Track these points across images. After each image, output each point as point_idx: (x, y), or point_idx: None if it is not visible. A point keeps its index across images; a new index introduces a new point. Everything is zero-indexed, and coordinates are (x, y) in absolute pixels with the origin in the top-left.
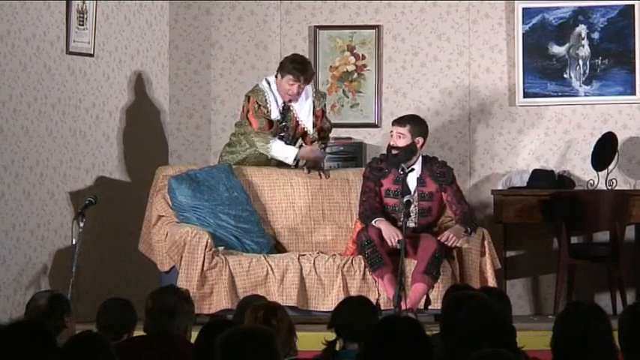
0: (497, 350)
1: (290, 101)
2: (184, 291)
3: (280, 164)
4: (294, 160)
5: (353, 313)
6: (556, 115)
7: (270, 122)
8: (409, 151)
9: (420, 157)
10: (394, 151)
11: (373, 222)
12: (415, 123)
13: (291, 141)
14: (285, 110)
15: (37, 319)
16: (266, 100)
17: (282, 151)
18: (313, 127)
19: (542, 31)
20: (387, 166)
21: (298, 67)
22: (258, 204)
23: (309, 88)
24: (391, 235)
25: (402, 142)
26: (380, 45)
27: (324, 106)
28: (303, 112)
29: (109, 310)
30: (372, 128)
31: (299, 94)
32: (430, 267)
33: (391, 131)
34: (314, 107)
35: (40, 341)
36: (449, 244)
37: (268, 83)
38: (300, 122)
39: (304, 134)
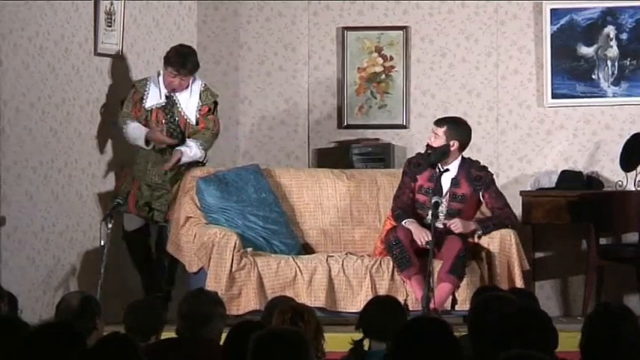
0: (525, 352)
1: (174, 90)
2: (215, 294)
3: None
4: (145, 141)
5: (381, 313)
6: (584, 116)
7: (138, 110)
8: (441, 153)
9: (459, 159)
10: (428, 151)
11: (403, 222)
12: (453, 126)
13: (179, 136)
14: (171, 104)
15: (68, 320)
16: (145, 88)
17: (135, 131)
18: (197, 124)
19: (570, 32)
20: (424, 162)
21: (178, 61)
22: (287, 205)
23: (198, 84)
24: (421, 236)
25: (436, 143)
26: (408, 46)
27: (213, 104)
28: (190, 108)
29: (137, 312)
30: (400, 129)
31: (181, 86)
32: (455, 267)
33: (431, 130)
34: (200, 104)
35: (71, 343)
36: (450, 228)
37: (159, 74)
38: (185, 118)
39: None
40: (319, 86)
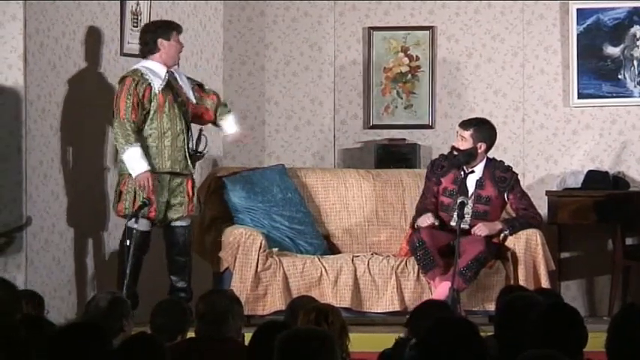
0: (544, 351)
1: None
2: (231, 292)
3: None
4: (135, 175)
5: (431, 317)
6: (611, 116)
7: (137, 110)
8: (468, 155)
9: (484, 160)
10: (454, 153)
11: (415, 225)
12: (479, 128)
13: (187, 119)
14: (174, 80)
15: (95, 319)
16: (142, 74)
17: (134, 159)
18: (201, 101)
19: (596, 31)
20: (448, 164)
21: (177, 23)
22: (312, 205)
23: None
24: (424, 219)
25: (463, 145)
26: (434, 46)
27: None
28: (184, 82)
29: (164, 312)
30: (426, 129)
31: None
32: (467, 269)
33: (456, 132)
34: (191, 84)
35: (97, 343)
36: (475, 233)
37: (141, 65)
38: (185, 93)
39: (202, 114)
40: (345, 86)
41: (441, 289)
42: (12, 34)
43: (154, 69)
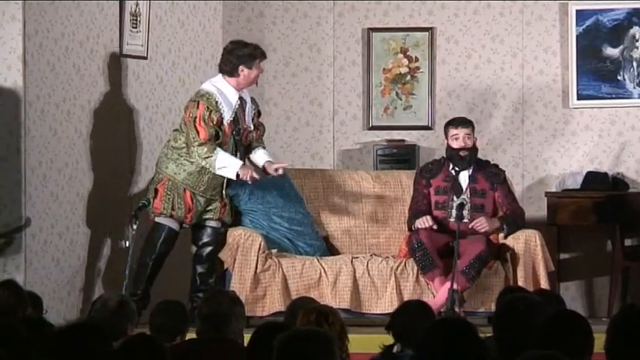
0: (545, 352)
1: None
2: (232, 293)
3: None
4: (235, 174)
5: (412, 317)
6: (610, 117)
7: (218, 133)
8: (475, 150)
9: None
10: (463, 153)
11: (413, 227)
12: (472, 123)
13: (239, 148)
14: (240, 109)
15: (99, 320)
16: (216, 102)
17: (226, 161)
18: (255, 130)
19: (596, 32)
20: (435, 167)
21: (262, 50)
22: (312, 206)
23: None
24: (423, 221)
25: (470, 143)
26: (433, 47)
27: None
28: (247, 111)
29: (163, 313)
30: (426, 130)
31: None
32: (469, 268)
33: (456, 134)
34: (253, 109)
35: (96, 344)
36: (476, 227)
37: (215, 86)
38: (245, 123)
39: (249, 144)
40: (344, 87)
41: (442, 292)
42: (11, 34)
43: (227, 94)
